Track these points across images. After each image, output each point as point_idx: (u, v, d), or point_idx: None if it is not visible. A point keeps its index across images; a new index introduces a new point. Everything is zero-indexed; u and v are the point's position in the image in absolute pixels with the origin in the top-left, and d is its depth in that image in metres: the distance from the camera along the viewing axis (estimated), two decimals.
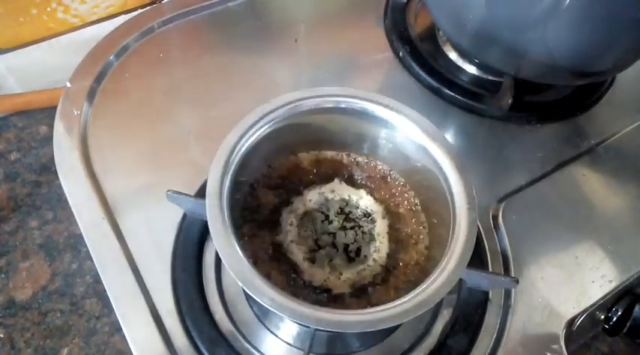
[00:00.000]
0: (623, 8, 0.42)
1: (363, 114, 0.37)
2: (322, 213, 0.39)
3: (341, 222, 0.39)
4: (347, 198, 0.40)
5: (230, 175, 0.33)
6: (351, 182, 0.41)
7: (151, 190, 0.45)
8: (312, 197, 0.39)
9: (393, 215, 0.39)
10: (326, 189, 0.40)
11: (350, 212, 0.39)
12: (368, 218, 0.39)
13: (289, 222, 0.38)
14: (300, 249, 0.37)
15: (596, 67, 0.49)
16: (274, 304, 0.28)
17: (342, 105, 0.37)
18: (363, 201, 0.40)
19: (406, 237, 0.38)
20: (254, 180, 0.39)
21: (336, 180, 0.40)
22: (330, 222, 0.38)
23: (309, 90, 0.36)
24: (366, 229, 0.38)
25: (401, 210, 0.39)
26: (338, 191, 0.40)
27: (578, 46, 0.45)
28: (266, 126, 0.35)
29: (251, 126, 0.35)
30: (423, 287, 0.30)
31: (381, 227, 0.39)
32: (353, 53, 0.57)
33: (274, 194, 0.39)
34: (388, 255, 0.37)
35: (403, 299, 0.30)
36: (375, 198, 0.40)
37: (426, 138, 0.36)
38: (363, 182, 0.41)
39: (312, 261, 0.37)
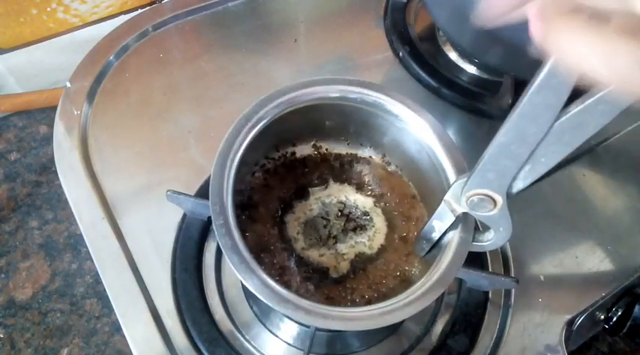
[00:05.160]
0: None
1: (364, 105, 0.37)
2: (323, 218, 0.39)
3: (342, 223, 0.39)
4: (344, 199, 0.40)
5: (232, 171, 0.33)
6: (349, 177, 0.41)
7: (151, 190, 0.45)
8: (312, 203, 0.39)
9: (392, 210, 0.39)
10: (323, 193, 0.40)
11: (350, 212, 0.39)
12: (367, 216, 0.39)
13: (296, 231, 0.38)
14: (306, 247, 0.37)
15: None
16: (277, 301, 0.28)
17: (351, 95, 0.37)
18: (361, 199, 0.40)
19: (407, 232, 0.38)
20: (254, 175, 0.39)
21: (335, 177, 0.41)
22: (332, 226, 0.39)
23: (301, 83, 0.36)
24: (367, 226, 0.39)
25: (400, 206, 0.39)
26: (335, 193, 0.40)
27: None
28: (263, 122, 0.35)
29: (247, 123, 0.35)
30: (420, 283, 0.30)
31: (381, 222, 0.39)
32: (353, 53, 0.57)
33: (274, 189, 0.39)
34: (389, 248, 0.38)
35: (400, 297, 0.30)
36: (374, 195, 0.40)
37: (426, 133, 0.36)
38: (363, 177, 0.41)
39: (319, 256, 0.37)
